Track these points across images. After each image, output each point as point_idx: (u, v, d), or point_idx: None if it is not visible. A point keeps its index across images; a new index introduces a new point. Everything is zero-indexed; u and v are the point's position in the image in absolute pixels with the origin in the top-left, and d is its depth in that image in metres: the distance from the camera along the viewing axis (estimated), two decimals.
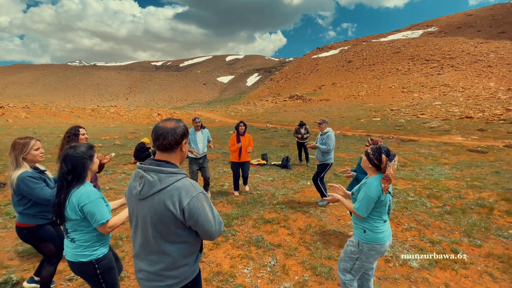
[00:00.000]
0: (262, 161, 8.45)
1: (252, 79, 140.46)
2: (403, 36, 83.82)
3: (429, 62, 52.76)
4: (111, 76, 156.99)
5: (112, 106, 41.30)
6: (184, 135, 1.31)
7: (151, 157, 1.35)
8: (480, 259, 3.16)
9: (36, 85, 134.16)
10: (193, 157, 4.89)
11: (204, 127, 5.09)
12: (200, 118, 5.01)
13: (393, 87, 42.63)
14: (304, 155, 8.44)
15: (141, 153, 8.27)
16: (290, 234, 3.78)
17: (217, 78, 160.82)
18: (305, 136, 8.26)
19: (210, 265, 3.03)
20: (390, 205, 2.09)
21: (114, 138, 14.94)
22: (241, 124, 5.28)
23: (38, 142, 2.19)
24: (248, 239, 3.61)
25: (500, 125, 15.78)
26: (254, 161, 8.44)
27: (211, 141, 5.23)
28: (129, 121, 29.27)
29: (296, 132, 8.42)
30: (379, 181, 1.95)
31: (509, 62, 43.11)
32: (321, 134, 4.82)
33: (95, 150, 1.83)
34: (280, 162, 8.20)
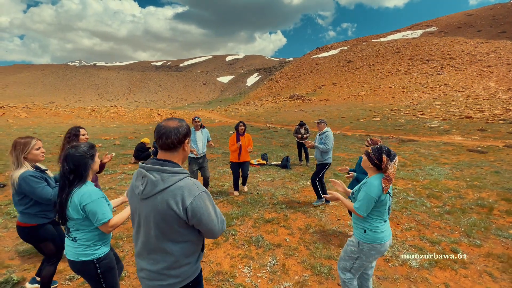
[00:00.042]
0: (262, 161, 8.46)
1: (252, 79, 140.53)
2: (403, 36, 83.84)
3: (429, 62, 52.77)
4: (111, 76, 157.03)
5: (112, 106, 41.31)
6: (187, 135, 1.31)
7: (152, 157, 1.35)
8: (480, 259, 3.17)
9: (36, 85, 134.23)
10: (193, 157, 4.90)
11: (204, 127, 5.10)
12: (200, 118, 5.03)
13: (393, 87, 42.64)
14: (304, 155, 8.45)
15: (141, 153, 8.29)
16: (290, 234, 3.78)
17: (217, 78, 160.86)
18: (305, 136, 8.27)
19: (210, 265, 3.03)
20: (390, 205, 2.10)
21: (114, 138, 14.93)
22: (241, 124, 5.29)
23: (39, 142, 2.21)
24: (248, 239, 3.61)
25: (500, 125, 15.79)
26: (254, 161, 8.45)
27: (211, 141, 5.25)
28: (129, 121, 29.26)
29: (296, 132, 8.43)
30: (380, 181, 1.96)
31: (509, 62, 43.13)
32: (320, 134, 4.84)
33: (97, 150, 1.84)
34: (280, 162, 8.21)
